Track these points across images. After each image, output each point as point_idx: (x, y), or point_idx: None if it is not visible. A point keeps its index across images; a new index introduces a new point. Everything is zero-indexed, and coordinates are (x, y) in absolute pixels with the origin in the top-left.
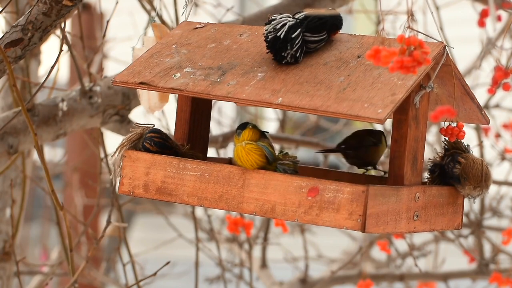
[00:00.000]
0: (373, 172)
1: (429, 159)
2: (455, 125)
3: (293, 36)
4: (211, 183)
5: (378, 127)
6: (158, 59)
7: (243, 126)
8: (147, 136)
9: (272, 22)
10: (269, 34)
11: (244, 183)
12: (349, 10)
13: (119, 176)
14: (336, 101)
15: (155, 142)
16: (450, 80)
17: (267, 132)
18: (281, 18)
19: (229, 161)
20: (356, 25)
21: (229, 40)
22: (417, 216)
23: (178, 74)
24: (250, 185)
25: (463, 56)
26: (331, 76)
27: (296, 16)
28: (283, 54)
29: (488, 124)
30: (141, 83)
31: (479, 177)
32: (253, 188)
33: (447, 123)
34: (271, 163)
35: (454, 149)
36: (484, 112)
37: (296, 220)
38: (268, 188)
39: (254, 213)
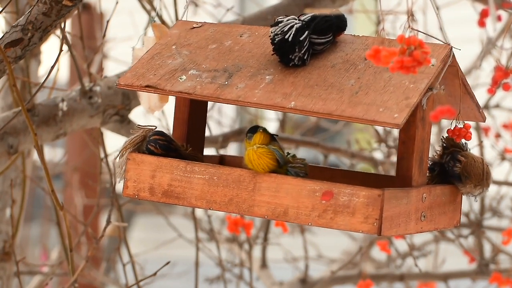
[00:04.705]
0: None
1: (429, 157)
2: (462, 126)
3: (301, 39)
4: (220, 187)
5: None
6: (160, 60)
7: (253, 130)
8: (151, 138)
9: (279, 25)
10: (276, 37)
11: (255, 186)
12: (349, 10)
13: (122, 179)
14: (350, 105)
15: (160, 145)
16: (453, 80)
17: (277, 135)
18: (287, 20)
19: (220, 158)
20: (356, 25)
21: (230, 40)
22: (424, 216)
23: (184, 77)
24: (261, 188)
25: (463, 56)
26: (341, 79)
27: (302, 18)
28: (290, 56)
29: (484, 121)
30: (147, 86)
31: (480, 176)
32: (264, 191)
33: (454, 124)
34: (282, 166)
35: (453, 147)
36: (482, 110)
37: (310, 223)
38: (280, 191)
39: (266, 217)
